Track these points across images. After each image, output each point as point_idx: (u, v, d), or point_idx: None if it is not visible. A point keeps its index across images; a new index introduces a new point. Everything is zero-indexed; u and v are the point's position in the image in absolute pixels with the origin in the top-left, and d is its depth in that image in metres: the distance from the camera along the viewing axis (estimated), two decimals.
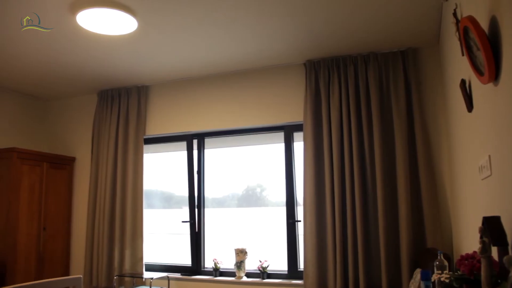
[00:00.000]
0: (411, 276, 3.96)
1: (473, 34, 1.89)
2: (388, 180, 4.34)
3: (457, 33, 2.52)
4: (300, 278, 4.71)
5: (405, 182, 4.23)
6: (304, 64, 4.80)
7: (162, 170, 5.81)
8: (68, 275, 5.82)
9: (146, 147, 5.62)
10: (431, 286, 2.54)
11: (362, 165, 4.44)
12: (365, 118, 4.46)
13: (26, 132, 6.11)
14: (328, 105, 4.63)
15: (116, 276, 5.22)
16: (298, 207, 4.93)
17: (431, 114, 4.40)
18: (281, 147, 5.08)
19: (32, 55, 4.62)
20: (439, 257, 2.77)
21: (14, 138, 5.89)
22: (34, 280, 4.28)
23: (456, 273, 2.31)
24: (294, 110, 4.90)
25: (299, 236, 4.87)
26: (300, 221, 4.88)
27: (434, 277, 2.63)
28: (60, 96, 6.26)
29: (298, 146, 4.99)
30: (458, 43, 2.65)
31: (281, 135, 5.09)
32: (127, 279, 5.27)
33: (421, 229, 4.21)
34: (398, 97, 4.40)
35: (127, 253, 5.33)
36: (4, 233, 5.11)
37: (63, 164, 5.94)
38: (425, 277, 2.53)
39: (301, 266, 4.78)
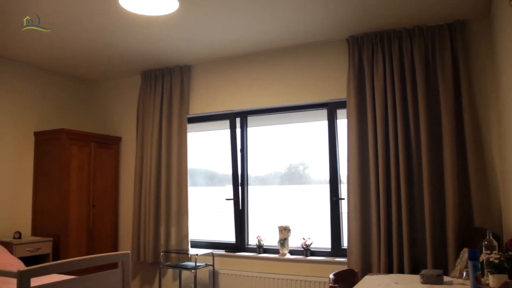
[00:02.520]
0: (457, 255, 3.87)
1: None
2: (434, 157, 4.23)
3: (511, 2, 2.40)
4: (343, 255, 4.70)
5: (452, 159, 4.12)
6: (347, 39, 4.70)
7: (205, 149, 5.87)
8: (116, 250, 6.03)
9: (189, 126, 5.67)
10: (479, 266, 2.48)
11: (407, 142, 4.34)
12: (410, 95, 4.34)
13: (74, 113, 6.29)
14: (372, 81, 4.54)
15: (162, 252, 5.36)
16: (341, 185, 4.90)
17: (480, 89, 4.22)
18: (324, 124, 5.03)
19: (78, 39, 4.72)
20: (488, 236, 2.70)
21: (63, 120, 6.07)
22: (86, 255, 4.45)
23: (507, 254, 2.25)
24: (337, 87, 4.82)
25: (343, 213, 4.85)
26: (343, 199, 4.84)
27: (483, 257, 2.57)
28: (105, 78, 6.39)
29: (342, 123, 4.92)
30: None
31: (324, 112, 5.03)
32: (173, 255, 5.40)
33: (469, 207, 4.09)
34: (444, 72, 4.25)
35: (173, 230, 5.45)
36: (57, 211, 5.32)
37: (110, 144, 6.10)
38: (473, 256, 2.47)
39: (345, 243, 4.76)
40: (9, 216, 5.34)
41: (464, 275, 3.02)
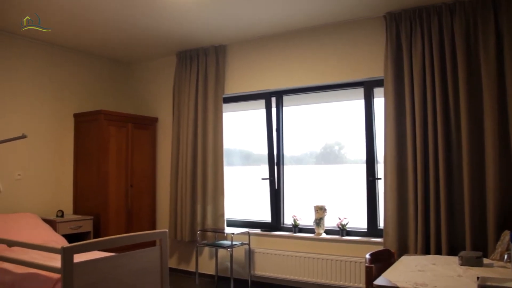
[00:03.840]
0: (497, 237, 3.78)
1: None
2: (474, 136, 4.10)
3: None
4: (379, 236, 4.66)
5: (494, 139, 3.98)
6: (384, 16, 4.59)
7: (240, 129, 5.89)
8: (154, 229, 6.16)
9: (225, 106, 5.68)
10: None
11: (446, 122, 4.22)
12: (450, 73, 4.21)
13: (111, 94, 6.40)
14: (410, 59, 4.42)
15: (199, 231, 5.45)
16: (378, 165, 4.83)
17: None
18: (360, 103, 4.95)
19: (114, 21, 4.77)
20: None
21: (101, 101, 6.19)
22: (124, 233, 4.57)
23: None
24: (374, 65, 4.72)
25: (379, 193, 4.80)
26: (380, 178, 4.78)
27: None
28: (141, 59, 6.46)
29: (379, 102, 4.83)
30: None
31: (360, 91, 4.95)
32: (209, 234, 5.48)
33: (511, 188, 3.98)
34: (487, 49, 4.07)
35: (209, 209, 5.52)
36: (97, 190, 5.47)
37: (147, 125, 6.19)
38: None
39: (381, 224, 4.71)
40: (52, 195, 5.52)
41: (506, 258, 2.96)
